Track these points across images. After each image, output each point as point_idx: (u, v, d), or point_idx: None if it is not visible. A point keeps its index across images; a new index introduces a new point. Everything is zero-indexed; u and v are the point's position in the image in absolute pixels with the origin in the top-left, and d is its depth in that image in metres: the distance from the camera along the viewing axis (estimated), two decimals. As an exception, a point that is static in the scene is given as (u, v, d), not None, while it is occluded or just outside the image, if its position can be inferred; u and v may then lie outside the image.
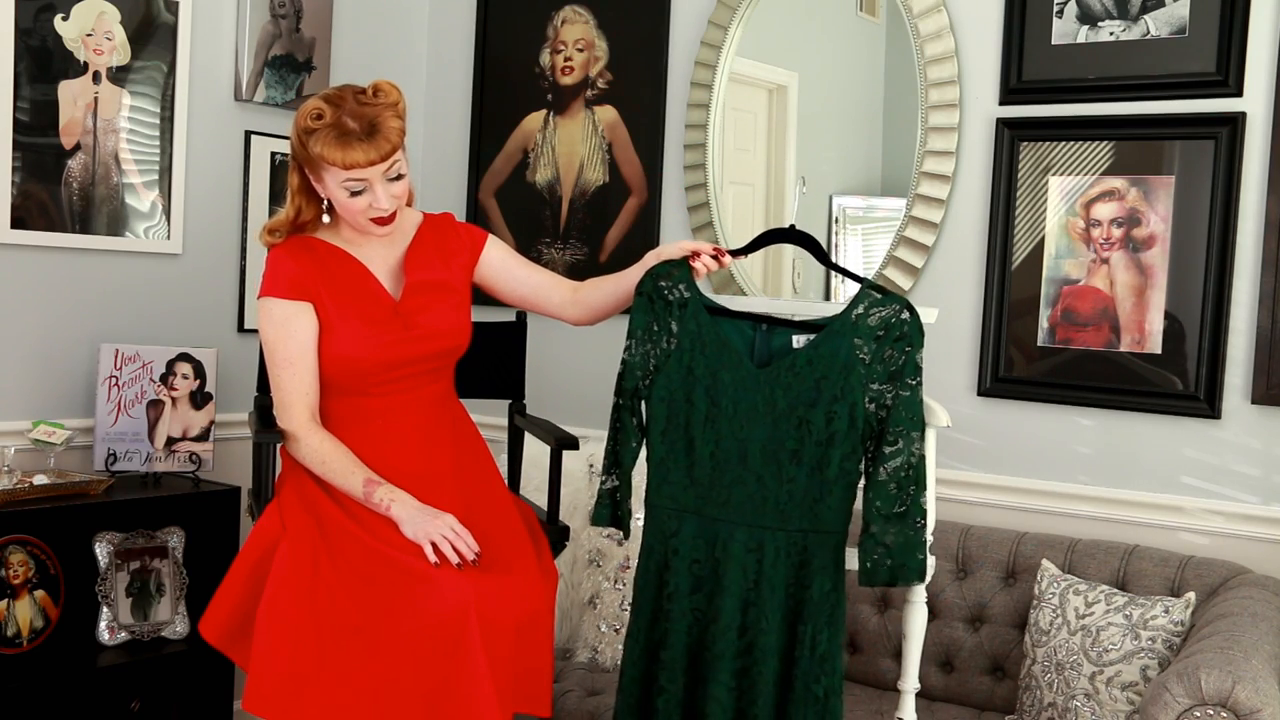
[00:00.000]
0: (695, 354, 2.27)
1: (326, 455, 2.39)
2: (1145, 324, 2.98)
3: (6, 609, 2.92)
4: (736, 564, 2.23)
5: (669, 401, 2.28)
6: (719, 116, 3.56)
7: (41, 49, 3.14)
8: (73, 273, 3.27)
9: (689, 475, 2.27)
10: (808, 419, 2.21)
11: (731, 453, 2.25)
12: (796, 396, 2.22)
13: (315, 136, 2.29)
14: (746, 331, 2.29)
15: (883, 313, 2.21)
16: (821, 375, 2.21)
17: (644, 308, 2.32)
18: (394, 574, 2.28)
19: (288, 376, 2.40)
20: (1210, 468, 2.93)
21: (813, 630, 2.21)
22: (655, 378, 2.29)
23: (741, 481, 2.24)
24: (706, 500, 2.26)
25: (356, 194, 2.34)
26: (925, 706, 2.91)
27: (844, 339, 2.22)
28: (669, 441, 2.28)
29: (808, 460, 2.22)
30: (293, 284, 2.39)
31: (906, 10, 3.24)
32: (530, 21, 3.93)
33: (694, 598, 2.26)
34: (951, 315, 3.18)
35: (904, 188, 3.29)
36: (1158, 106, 2.96)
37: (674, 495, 2.28)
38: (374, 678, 2.24)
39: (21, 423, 3.14)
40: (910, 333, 2.21)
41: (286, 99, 3.68)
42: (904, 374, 2.21)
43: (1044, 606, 2.79)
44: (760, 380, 2.24)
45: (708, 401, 2.25)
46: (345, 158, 2.28)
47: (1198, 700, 2.16)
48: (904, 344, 2.21)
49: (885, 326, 2.21)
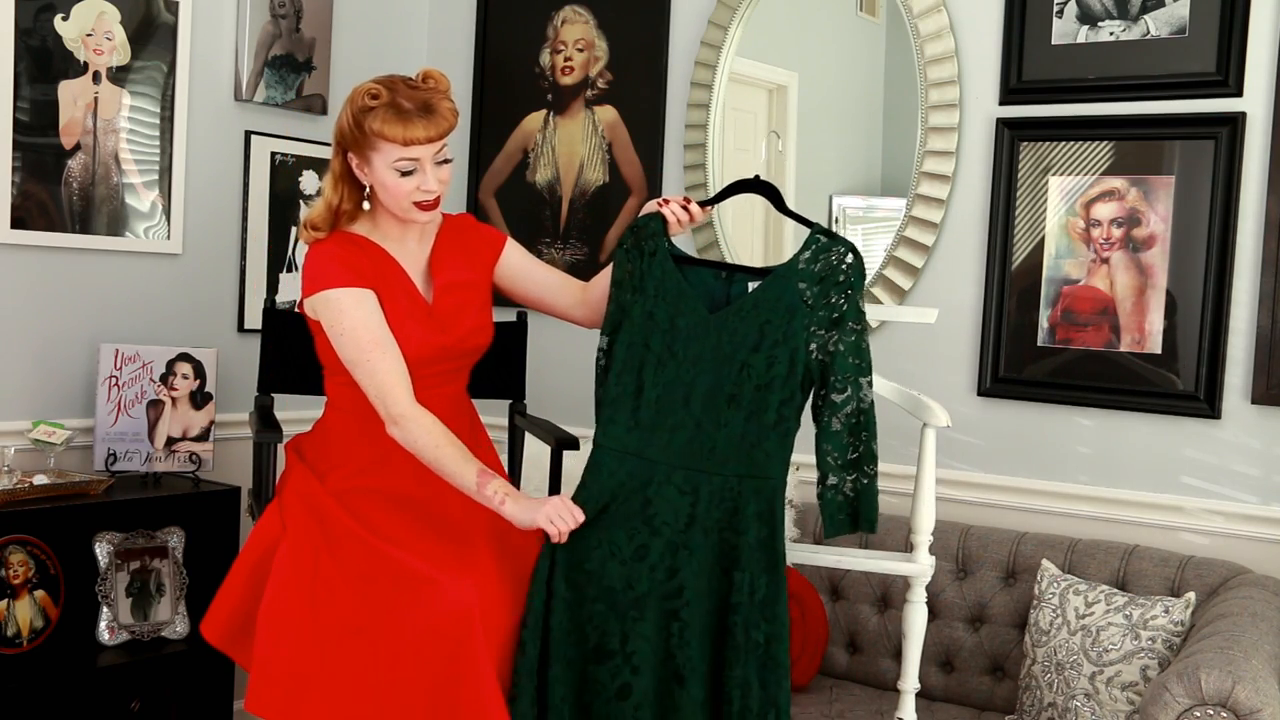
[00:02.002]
0: (658, 300, 2.30)
1: (440, 439, 2.30)
2: (1145, 324, 2.98)
3: (6, 609, 2.92)
4: (669, 505, 2.23)
5: (628, 345, 2.32)
6: (719, 116, 3.56)
7: (41, 49, 3.14)
8: (73, 273, 3.26)
9: (633, 418, 2.28)
10: (749, 362, 2.23)
11: (675, 397, 2.27)
12: (740, 340, 2.24)
13: (373, 114, 2.30)
14: (709, 279, 2.32)
15: (827, 256, 2.23)
16: (765, 319, 2.22)
17: (622, 259, 2.37)
18: (396, 574, 2.28)
19: (380, 358, 2.32)
20: (1210, 468, 2.93)
21: (750, 576, 2.19)
22: (623, 322, 2.34)
23: (681, 426, 2.25)
24: (648, 443, 2.27)
25: (407, 174, 2.34)
26: (925, 706, 2.91)
27: (789, 282, 2.23)
28: (622, 384, 2.31)
29: (745, 404, 2.22)
30: (352, 272, 2.36)
31: (906, 10, 3.24)
32: (530, 21, 3.93)
33: (615, 534, 2.24)
34: (951, 315, 3.18)
35: (904, 188, 3.29)
36: (1158, 106, 2.97)
37: (618, 436, 2.29)
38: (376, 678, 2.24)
39: (21, 423, 3.14)
40: (852, 275, 2.22)
41: (286, 99, 3.68)
42: (846, 318, 2.22)
43: (1044, 606, 2.79)
44: (710, 325, 2.26)
45: (662, 346, 2.29)
46: (406, 133, 2.29)
47: (1198, 700, 2.16)
48: (845, 287, 2.22)
49: (829, 269, 2.23)
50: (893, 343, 3.30)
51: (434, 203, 2.39)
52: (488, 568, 2.31)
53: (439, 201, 2.41)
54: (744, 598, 2.19)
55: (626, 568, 2.24)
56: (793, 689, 3.00)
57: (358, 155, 2.37)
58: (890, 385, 2.46)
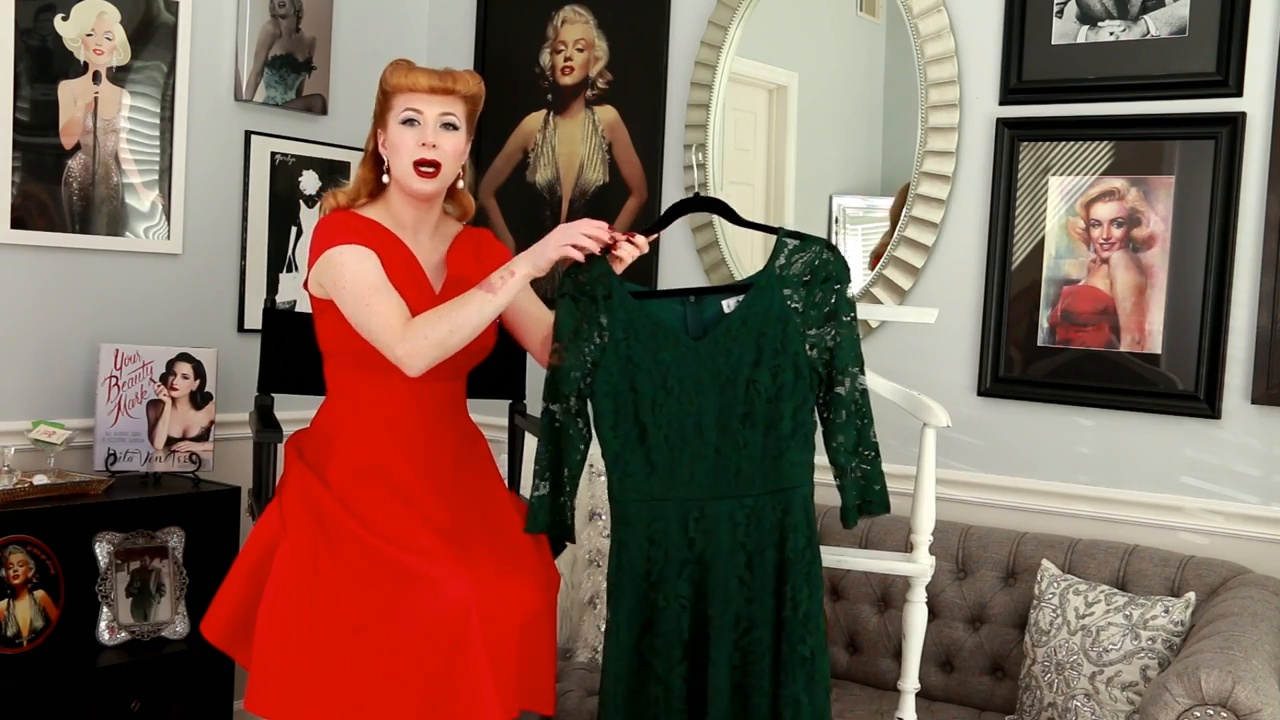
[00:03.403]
0: (631, 341, 2.23)
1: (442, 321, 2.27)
2: (1145, 324, 2.98)
3: (6, 609, 2.92)
4: (712, 539, 2.20)
5: (614, 395, 2.23)
6: (719, 116, 3.56)
7: (41, 49, 3.14)
8: (73, 273, 3.27)
9: (648, 462, 2.23)
10: (754, 379, 2.20)
11: (686, 430, 2.22)
12: (739, 359, 2.21)
13: (391, 70, 2.44)
14: (676, 308, 2.26)
15: (805, 257, 2.22)
16: (759, 332, 2.20)
17: (569, 309, 2.26)
18: (395, 573, 2.28)
19: (378, 300, 2.32)
20: (1210, 468, 2.93)
21: (793, 589, 2.20)
22: (595, 374, 2.24)
23: (701, 456, 2.22)
24: (671, 482, 2.22)
25: (409, 124, 2.42)
26: (925, 706, 2.91)
27: (773, 292, 2.21)
28: (621, 434, 2.23)
29: (760, 420, 2.21)
30: (357, 235, 2.41)
31: (906, 10, 3.24)
32: (530, 21, 3.93)
33: (678, 583, 2.21)
34: (951, 315, 3.18)
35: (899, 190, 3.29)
36: (1158, 106, 2.96)
37: (637, 487, 2.23)
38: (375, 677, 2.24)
39: (21, 423, 3.14)
40: (836, 271, 2.22)
41: (286, 99, 3.68)
42: (839, 312, 2.22)
43: (1044, 606, 2.79)
44: (700, 352, 2.22)
45: (653, 385, 2.22)
46: (409, 77, 2.41)
47: (1198, 700, 2.16)
48: (832, 283, 2.22)
49: (810, 270, 2.22)
50: (893, 343, 3.30)
51: (434, 167, 2.42)
52: (486, 566, 2.31)
53: (438, 168, 2.43)
54: (790, 612, 2.20)
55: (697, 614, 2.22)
56: (793, 689, 3.01)
57: (381, 126, 2.48)
58: (890, 385, 2.46)
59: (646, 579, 2.22)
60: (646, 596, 2.23)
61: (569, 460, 2.29)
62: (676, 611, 2.21)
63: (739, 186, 3.60)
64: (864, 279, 3.38)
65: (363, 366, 2.45)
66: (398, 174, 2.45)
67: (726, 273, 3.52)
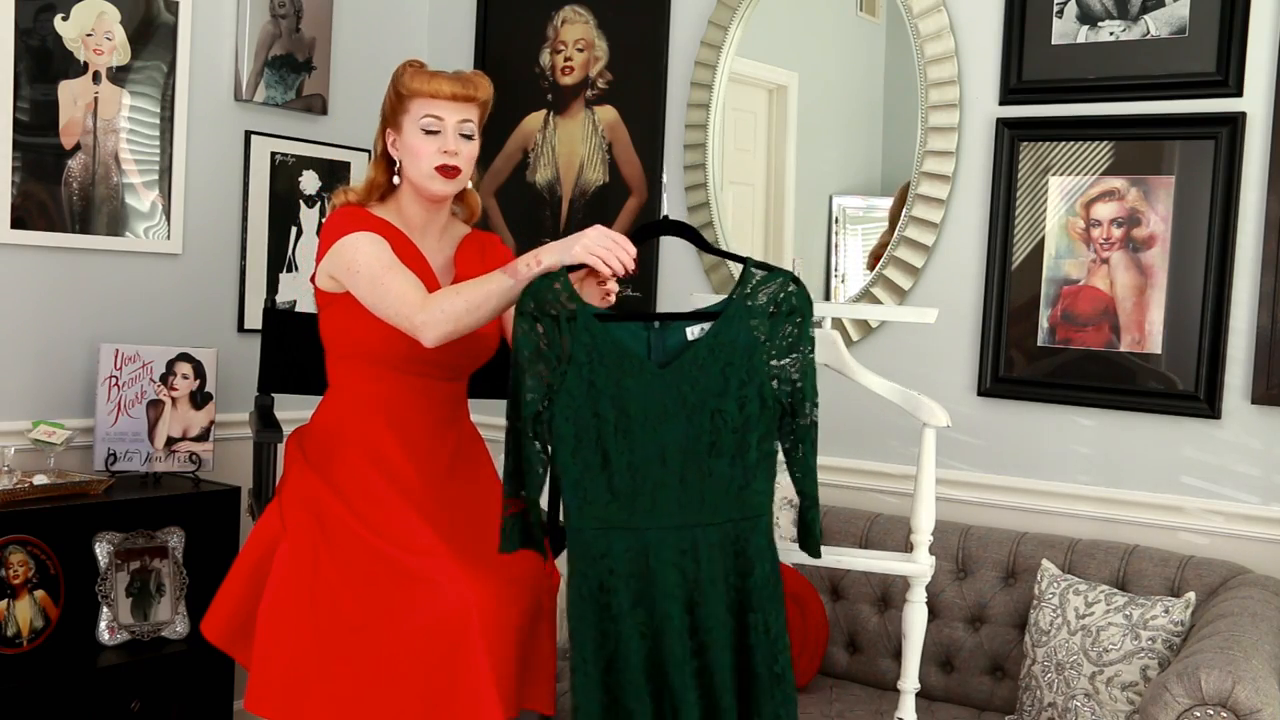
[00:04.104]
0: (595, 366, 2.17)
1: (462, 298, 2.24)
2: (1145, 324, 2.98)
3: (6, 609, 2.92)
4: (673, 569, 2.18)
5: (575, 420, 2.16)
6: (719, 116, 3.56)
7: (41, 49, 3.14)
8: (73, 273, 3.26)
9: (609, 490, 2.18)
10: (720, 409, 2.18)
11: (649, 458, 2.18)
12: (705, 389, 2.18)
13: (408, 74, 2.45)
14: (640, 333, 2.22)
15: (770, 289, 2.21)
16: (726, 362, 2.19)
17: (529, 329, 2.18)
18: (395, 573, 2.28)
19: (393, 278, 2.31)
20: (1210, 468, 2.93)
21: (763, 616, 2.20)
22: (555, 398, 2.17)
23: (664, 484, 2.18)
24: (632, 511, 2.18)
25: (431, 133, 2.42)
26: (925, 706, 2.91)
27: (740, 322, 2.20)
28: (582, 460, 2.17)
29: (727, 450, 2.19)
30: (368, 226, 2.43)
31: (906, 10, 3.24)
32: (530, 21, 3.93)
33: (636, 612, 2.18)
34: (951, 315, 3.18)
35: (899, 189, 3.29)
36: (1158, 106, 2.96)
37: (597, 515, 2.17)
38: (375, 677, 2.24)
39: (21, 423, 3.14)
40: (800, 304, 2.22)
41: (286, 99, 3.68)
42: (799, 344, 2.22)
43: (1044, 606, 2.79)
44: (666, 380, 2.18)
45: (616, 411, 2.16)
46: (431, 84, 2.42)
47: (1198, 700, 2.16)
48: (795, 316, 2.22)
49: (775, 303, 2.21)
50: (893, 343, 3.30)
51: (454, 171, 2.44)
52: (486, 566, 2.31)
53: (458, 173, 2.45)
54: (760, 637, 2.20)
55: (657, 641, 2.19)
56: (793, 689, 3.01)
57: (393, 127, 2.48)
58: (890, 385, 2.46)
59: (607, 610, 2.18)
60: (609, 630, 2.19)
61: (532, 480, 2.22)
62: (639, 642, 2.18)
63: (739, 186, 3.60)
64: (863, 279, 3.38)
65: (367, 362, 2.45)
66: (415, 177, 2.45)
67: (726, 273, 3.52)
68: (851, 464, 3.37)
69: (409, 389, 2.46)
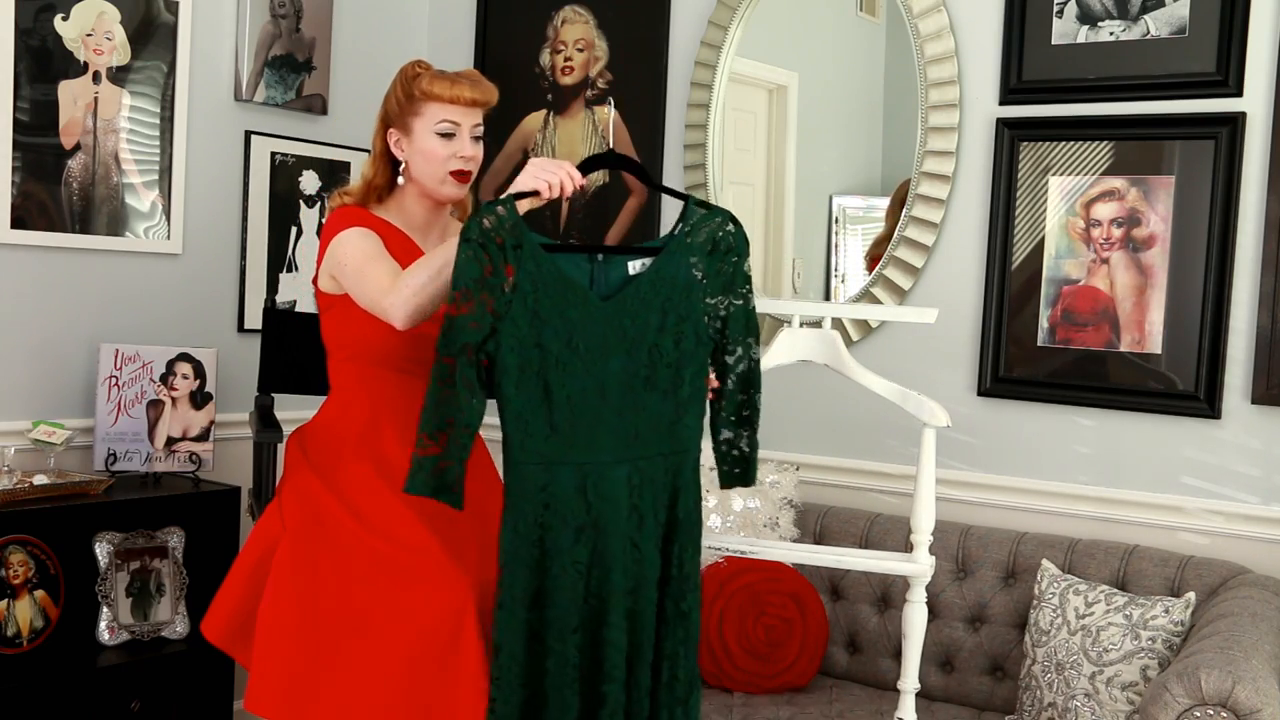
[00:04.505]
0: (539, 296, 2.13)
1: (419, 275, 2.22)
2: (1145, 324, 2.98)
3: (6, 609, 2.92)
4: (615, 504, 2.16)
5: (520, 350, 2.12)
6: (719, 116, 3.56)
7: (41, 49, 3.14)
8: (73, 273, 3.26)
9: (549, 424, 2.14)
10: (658, 344, 2.19)
11: (589, 391, 2.15)
12: (645, 323, 2.18)
13: (421, 78, 2.44)
14: (583, 265, 2.21)
15: (709, 228, 2.23)
16: (666, 298, 2.19)
17: (475, 257, 2.11)
18: (395, 573, 2.28)
19: (373, 267, 2.32)
20: (1210, 468, 2.93)
21: (680, 548, 2.21)
22: (500, 327, 2.12)
23: (602, 419, 2.16)
24: (570, 446, 2.15)
25: (446, 136, 2.43)
26: (925, 706, 2.91)
27: (680, 258, 2.21)
28: (525, 392, 2.13)
29: (661, 384, 2.19)
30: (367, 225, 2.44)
31: (906, 10, 3.24)
32: (530, 21, 3.93)
33: (575, 550, 2.15)
34: (951, 315, 3.18)
35: (898, 187, 3.29)
36: (1158, 106, 2.96)
37: (538, 449, 2.14)
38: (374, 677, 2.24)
39: (21, 423, 3.14)
40: (737, 243, 2.24)
41: (286, 99, 3.68)
42: (735, 284, 2.24)
43: (1044, 606, 2.79)
44: (608, 313, 2.17)
45: (559, 343, 2.13)
46: (453, 90, 2.42)
47: (1198, 700, 2.16)
48: (732, 255, 2.23)
49: (713, 241, 2.23)
50: (893, 343, 3.30)
51: (469, 175, 2.47)
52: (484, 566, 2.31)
53: (471, 176, 2.47)
54: (675, 571, 2.21)
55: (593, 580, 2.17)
56: (793, 689, 3.01)
57: (399, 128, 2.46)
58: (890, 385, 2.45)
59: (540, 546, 2.15)
60: (540, 565, 2.16)
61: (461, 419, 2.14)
62: (574, 579, 2.15)
63: (739, 186, 3.60)
64: (863, 279, 3.38)
65: (369, 363, 2.46)
66: (427, 180, 2.46)
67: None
68: (851, 464, 3.37)
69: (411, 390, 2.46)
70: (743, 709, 2.88)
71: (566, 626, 2.15)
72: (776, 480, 3.23)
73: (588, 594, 2.17)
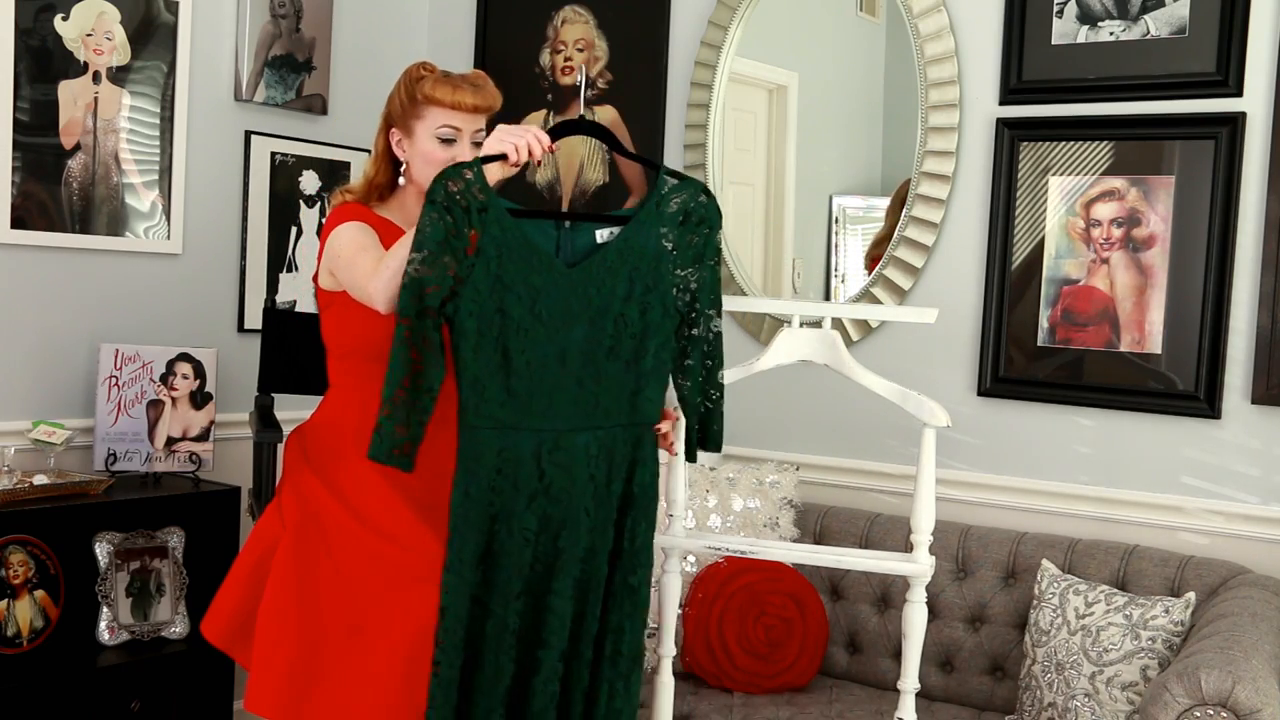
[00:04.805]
0: (504, 261, 2.11)
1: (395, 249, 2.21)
2: (1145, 324, 2.98)
3: (6, 609, 2.92)
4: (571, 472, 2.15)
5: (479, 315, 2.10)
6: (719, 116, 3.56)
7: (41, 49, 3.14)
8: (73, 273, 3.26)
9: (506, 389, 2.12)
10: (623, 313, 2.17)
11: (549, 358, 2.13)
12: (611, 292, 2.17)
13: (424, 81, 2.45)
14: (550, 231, 2.20)
15: (681, 198, 2.22)
16: (633, 267, 2.18)
17: (439, 219, 2.09)
18: (394, 573, 2.28)
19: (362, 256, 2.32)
20: (1210, 468, 2.93)
21: (633, 521, 2.20)
22: (461, 290, 2.09)
23: (562, 386, 2.14)
24: (527, 412, 2.13)
25: (446, 142, 2.44)
26: (925, 706, 2.91)
27: (650, 228, 2.20)
28: (483, 357, 2.10)
29: (624, 355, 2.18)
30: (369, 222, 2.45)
31: (906, 10, 3.24)
32: (530, 21, 3.93)
33: (525, 516, 2.14)
34: (951, 315, 3.18)
35: (898, 186, 3.29)
36: (1158, 106, 2.96)
37: (492, 414, 2.11)
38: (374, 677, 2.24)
39: (21, 423, 3.14)
40: (709, 215, 2.23)
41: (286, 99, 3.68)
42: (705, 256, 2.23)
43: (1044, 606, 2.79)
44: (574, 280, 2.15)
45: (522, 309, 2.11)
46: (454, 96, 2.43)
47: (1198, 700, 2.16)
48: (704, 227, 2.22)
49: (685, 212, 2.21)
50: (893, 343, 3.30)
51: None
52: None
53: None
54: (627, 544, 2.21)
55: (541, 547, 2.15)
56: (793, 689, 3.01)
57: (401, 129, 2.48)
58: (890, 385, 2.45)
59: (489, 509, 2.14)
60: (490, 529, 2.14)
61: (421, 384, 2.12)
62: (520, 545, 2.14)
63: (739, 186, 3.60)
64: (863, 279, 3.38)
65: (368, 361, 2.46)
66: (425, 181, 2.44)
67: (727, 273, 3.52)
68: (851, 464, 3.37)
69: None
70: (743, 709, 2.88)
71: (510, 592, 2.14)
72: (776, 480, 3.23)
73: (535, 561, 2.16)
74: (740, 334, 3.52)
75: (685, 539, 2.51)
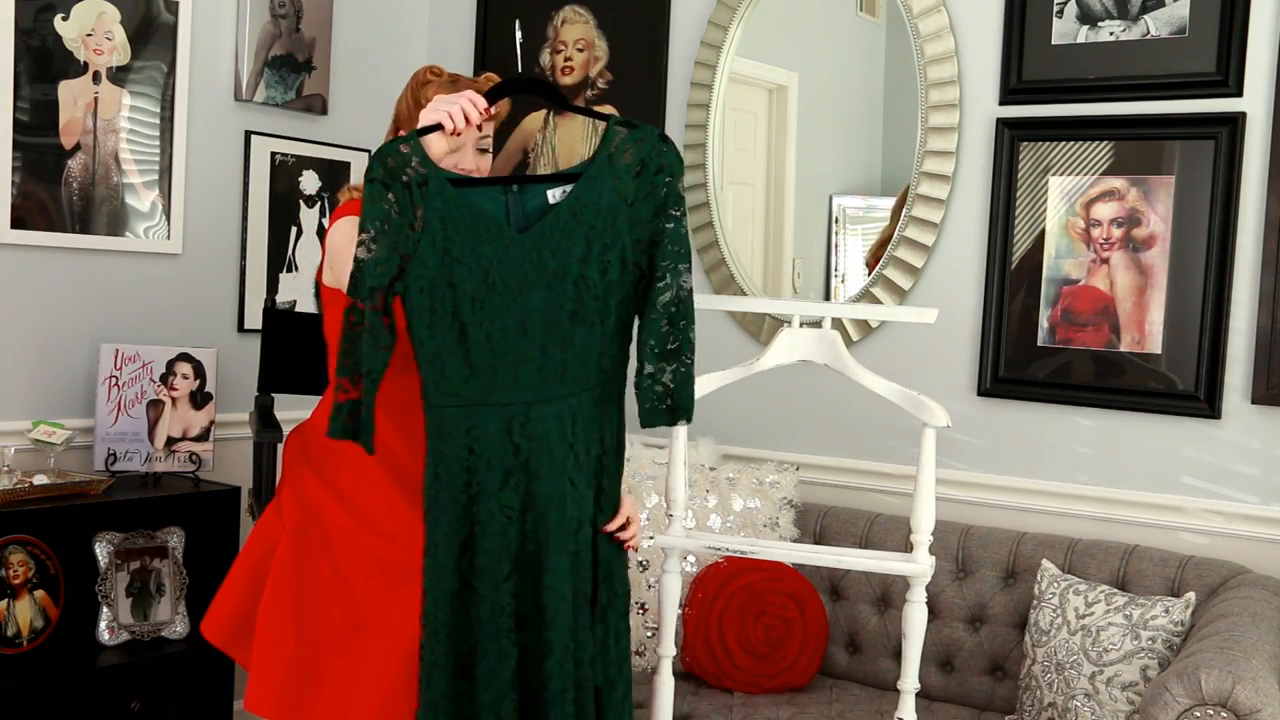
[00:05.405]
0: (449, 233, 2.05)
1: None
2: (1145, 324, 2.98)
3: (6, 609, 2.92)
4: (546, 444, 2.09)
5: (430, 290, 2.05)
6: (719, 116, 3.56)
7: (41, 49, 3.14)
8: (73, 273, 3.27)
9: (467, 364, 2.06)
10: (583, 275, 2.08)
11: (510, 329, 2.07)
12: (567, 254, 2.08)
13: (431, 86, 2.43)
14: (498, 197, 2.11)
15: (636, 148, 2.11)
16: (590, 226, 2.09)
17: (379, 196, 2.05)
18: (395, 572, 2.28)
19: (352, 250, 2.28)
20: (1210, 468, 2.93)
21: (609, 481, 2.16)
22: (409, 267, 2.05)
23: (526, 356, 2.07)
24: (492, 386, 2.07)
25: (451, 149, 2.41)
26: (925, 706, 2.91)
27: (604, 183, 2.10)
28: (438, 334, 2.06)
29: (589, 317, 2.09)
30: None
31: (906, 10, 3.24)
32: (530, 21, 3.93)
33: (503, 494, 2.09)
34: (951, 315, 3.18)
35: (904, 188, 3.29)
36: (1158, 106, 2.96)
37: (456, 391, 2.07)
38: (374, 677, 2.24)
39: (21, 423, 3.14)
40: (669, 162, 2.11)
41: (286, 99, 3.68)
42: (667, 206, 2.11)
43: (1044, 606, 2.79)
44: (526, 246, 2.07)
45: (474, 280, 2.05)
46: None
47: (1198, 700, 2.16)
48: (664, 175, 2.11)
49: (642, 162, 2.11)
50: (893, 343, 3.30)
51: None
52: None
53: None
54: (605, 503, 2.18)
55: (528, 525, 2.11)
56: (793, 689, 3.01)
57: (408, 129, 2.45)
58: (890, 385, 2.46)
59: (466, 491, 2.09)
60: (467, 511, 2.09)
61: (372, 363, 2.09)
62: (502, 524, 2.09)
63: (739, 186, 3.61)
64: (864, 279, 3.38)
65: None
66: None
67: (727, 273, 3.52)
68: (851, 464, 3.37)
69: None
70: (743, 709, 2.88)
71: (498, 573, 2.09)
72: (776, 480, 3.23)
73: (523, 539, 2.10)
74: (740, 334, 3.52)
75: (685, 539, 2.51)
